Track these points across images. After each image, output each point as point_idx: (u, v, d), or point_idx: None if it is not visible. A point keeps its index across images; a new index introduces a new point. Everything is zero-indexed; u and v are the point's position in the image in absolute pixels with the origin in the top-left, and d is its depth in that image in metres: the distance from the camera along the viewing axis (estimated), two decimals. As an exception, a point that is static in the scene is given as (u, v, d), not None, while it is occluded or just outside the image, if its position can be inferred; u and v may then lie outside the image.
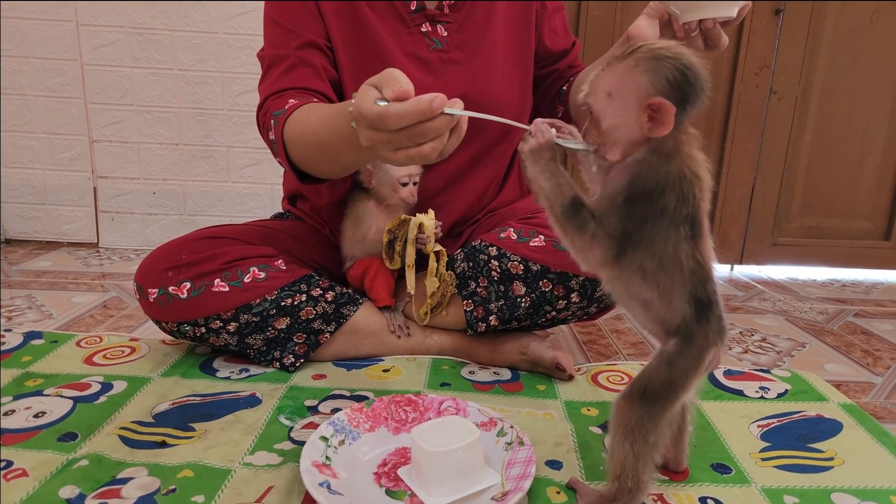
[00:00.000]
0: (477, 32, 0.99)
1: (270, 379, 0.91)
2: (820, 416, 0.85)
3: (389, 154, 0.62)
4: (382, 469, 0.68)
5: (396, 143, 0.60)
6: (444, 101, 0.57)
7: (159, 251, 0.91)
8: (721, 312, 0.59)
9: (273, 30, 0.94)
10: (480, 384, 0.93)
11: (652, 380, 0.59)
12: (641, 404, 0.58)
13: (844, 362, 1.14)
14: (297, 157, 0.81)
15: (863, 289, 1.70)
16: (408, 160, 0.61)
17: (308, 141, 0.79)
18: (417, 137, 0.58)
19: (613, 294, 0.63)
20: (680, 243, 0.56)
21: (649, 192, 0.55)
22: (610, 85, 0.57)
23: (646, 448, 0.59)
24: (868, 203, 1.83)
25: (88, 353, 0.98)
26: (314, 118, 0.78)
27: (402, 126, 0.57)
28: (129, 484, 0.65)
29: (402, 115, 0.57)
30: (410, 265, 0.92)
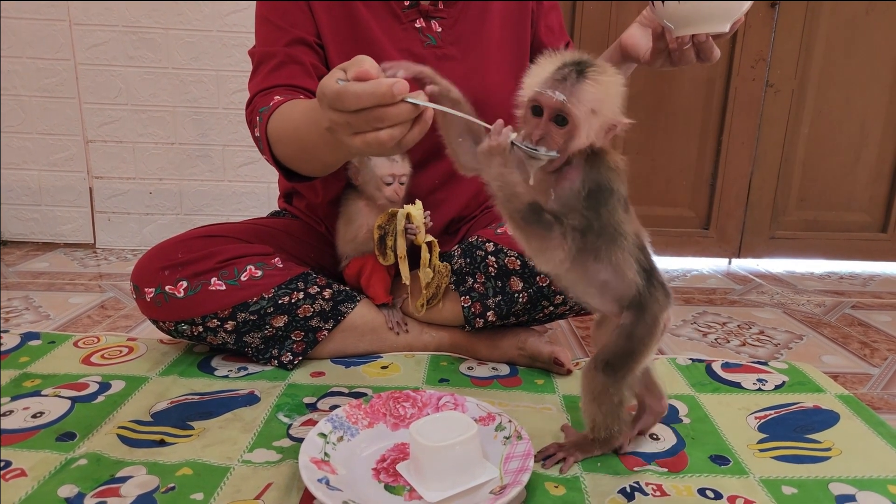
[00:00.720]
0: (472, 28, 0.99)
1: (269, 377, 0.91)
2: (817, 408, 0.86)
3: (348, 139, 0.61)
4: (381, 465, 0.68)
5: (355, 126, 0.59)
6: (406, 87, 0.56)
7: (155, 250, 0.91)
8: (662, 279, 0.66)
9: (264, 27, 0.94)
10: (479, 379, 0.93)
11: (614, 352, 0.65)
12: (605, 374, 0.65)
13: (842, 354, 1.15)
14: (281, 154, 0.81)
15: (860, 281, 1.71)
16: (365, 146, 0.60)
17: (290, 137, 0.78)
18: (375, 122, 0.57)
19: (570, 286, 0.67)
20: (620, 217, 0.62)
21: (601, 185, 0.61)
22: (596, 102, 0.59)
23: (612, 407, 0.66)
24: (865, 195, 1.83)
25: (86, 354, 0.98)
26: (296, 113, 0.78)
27: (360, 107, 0.57)
28: (128, 482, 0.65)
29: (360, 95, 0.56)
30: (403, 256, 0.91)
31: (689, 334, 1.23)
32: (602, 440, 0.69)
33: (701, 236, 1.85)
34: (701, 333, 1.23)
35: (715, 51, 0.78)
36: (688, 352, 1.13)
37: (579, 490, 0.66)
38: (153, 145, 1.75)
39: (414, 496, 0.62)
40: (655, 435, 0.77)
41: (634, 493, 0.65)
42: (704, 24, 0.73)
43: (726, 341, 1.19)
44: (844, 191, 1.83)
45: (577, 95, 0.58)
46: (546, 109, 0.59)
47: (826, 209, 1.85)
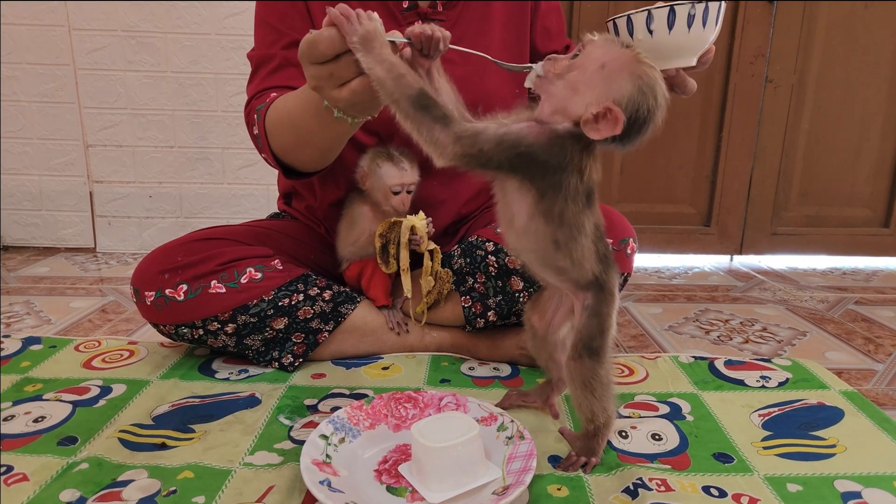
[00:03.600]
0: (471, 31, 0.98)
1: (269, 379, 0.91)
2: (821, 404, 0.85)
3: (335, 93, 0.61)
4: (383, 466, 0.68)
5: (338, 75, 0.59)
6: (377, 20, 0.57)
7: (155, 254, 0.91)
8: (610, 254, 0.68)
9: (262, 30, 0.94)
10: (480, 379, 0.92)
11: (589, 335, 0.67)
12: (590, 358, 0.67)
13: (845, 350, 1.14)
14: (278, 146, 0.82)
15: (863, 276, 1.70)
16: (352, 95, 0.60)
17: (285, 125, 0.79)
18: (355, 66, 0.58)
19: (527, 262, 0.69)
20: (581, 213, 0.63)
21: (546, 165, 0.60)
22: (613, 62, 0.58)
23: (602, 387, 0.68)
24: (866, 190, 1.83)
25: (87, 358, 0.98)
26: (290, 101, 0.79)
27: (336, 52, 0.57)
28: (130, 486, 0.65)
29: (333, 38, 0.57)
30: (405, 268, 0.91)
31: (692, 332, 1.22)
32: (604, 426, 0.69)
33: (702, 233, 1.84)
34: (703, 331, 1.23)
35: (689, 84, 0.73)
36: (690, 349, 1.12)
37: (583, 489, 0.65)
38: (153, 149, 1.75)
39: (416, 497, 0.62)
40: (658, 434, 0.76)
41: (638, 490, 0.64)
42: (668, 60, 0.69)
43: (729, 339, 1.19)
44: (846, 186, 1.83)
45: (605, 44, 0.59)
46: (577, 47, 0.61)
47: (827, 204, 1.84)
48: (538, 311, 0.77)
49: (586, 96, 0.58)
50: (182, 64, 1.69)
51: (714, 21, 0.68)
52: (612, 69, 0.58)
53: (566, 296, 0.74)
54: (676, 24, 0.67)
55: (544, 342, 0.78)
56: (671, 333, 1.21)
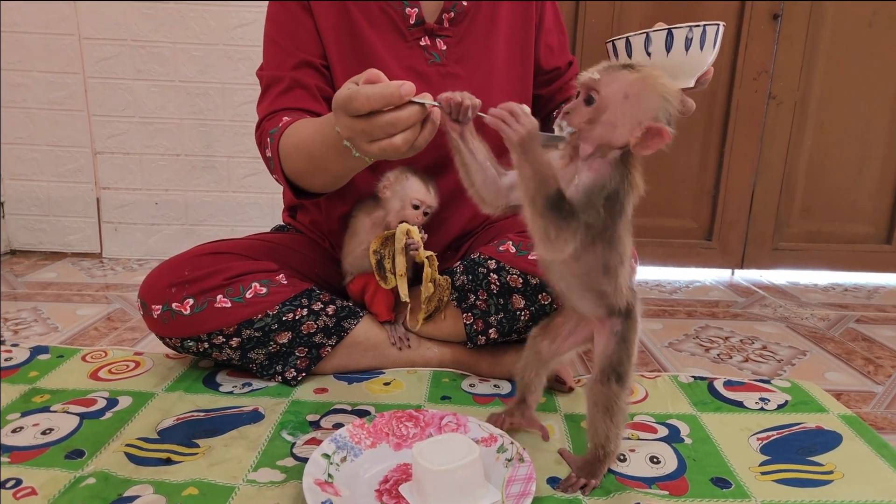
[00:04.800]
0: (477, 47, 1.00)
1: (273, 393, 0.92)
2: (819, 428, 0.86)
3: (365, 145, 0.64)
4: (384, 486, 0.69)
5: (370, 133, 0.62)
6: (412, 88, 0.59)
7: (162, 268, 0.92)
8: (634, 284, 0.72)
9: (271, 48, 0.95)
10: (480, 397, 0.93)
11: (618, 360, 0.69)
12: (617, 383, 0.68)
13: (845, 371, 1.15)
14: (292, 170, 0.84)
15: (864, 293, 1.70)
16: (381, 151, 0.64)
17: (300, 153, 0.81)
18: (388, 128, 0.61)
19: (566, 289, 0.70)
20: (628, 238, 0.66)
21: (617, 194, 0.62)
22: (631, 88, 0.60)
23: (621, 413, 0.69)
24: (869, 207, 1.83)
25: (94, 368, 0.99)
26: (306, 130, 0.81)
27: (371, 108, 0.60)
28: (136, 502, 0.66)
29: (370, 97, 0.59)
30: (402, 274, 0.92)
31: (692, 349, 1.23)
32: (611, 453, 0.71)
33: (703, 247, 1.85)
34: (703, 349, 1.24)
35: (688, 104, 0.72)
36: (690, 368, 1.13)
37: (580, 513, 0.66)
38: (159, 157, 1.77)
39: (416, 518, 0.63)
40: (657, 458, 0.77)
41: (635, 516, 0.65)
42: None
43: (729, 357, 1.19)
44: (848, 202, 1.83)
45: (611, 76, 0.60)
46: (582, 89, 0.62)
47: (829, 220, 1.85)
48: (549, 336, 0.78)
49: (626, 126, 0.60)
50: (190, 73, 1.71)
51: (712, 43, 0.69)
52: (635, 95, 0.60)
53: (583, 323, 0.75)
54: (674, 46, 0.68)
55: (541, 365, 0.79)
56: (671, 351, 1.22)
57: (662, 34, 0.67)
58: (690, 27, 0.67)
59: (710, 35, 0.68)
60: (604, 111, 0.61)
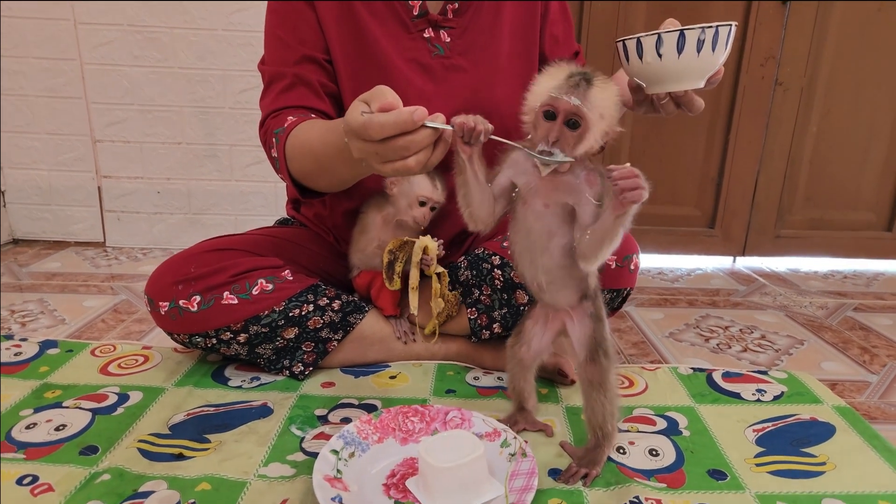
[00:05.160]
0: (481, 39, 0.99)
1: (280, 387, 0.94)
2: (814, 420, 0.88)
3: (379, 166, 0.65)
4: (391, 480, 0.71)
5: (384, 155, 0.63)
6: (425, 113, 0.60)
7: (168, 264, 0.93)
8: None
9: (273, 42, 0.95)
10: (484, 389, 0.95)
11: (600, 336, 0.74)
12: (605, 358, 0.73)
13: (841, 360, 1.17)
14: (298, 170, 0.84)
15: (864, 281, 1.72)
16: (395, 173, 0.65)
17: (307, 156, 0.81)
18: (402, 151, 0.62)
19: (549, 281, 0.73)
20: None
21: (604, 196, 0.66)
22: (605, 106, 0.64)
23: (614, 388, 0.74)
24: (871, 194, 1.84)
25: (103, 363, 1.01)
26: (312, 135, 0.81)
27: (385, 136, 0.61)
28: (151, 497, 0.68)
29: (384, 125, 0.60)
30: (414, 287, 0.93)
31: (692, 339, 1.25)
32: (609, 435, 0.74)
33: (706, 235, 1.86)
34: (703, 338, 1.26)
35: (696, 102, 0.75)
36: (690, 358, 1.15)
37: (581, 506, 0.68)
38: (160, 145, 1.77)
39: (423, 513, 0.65)
40: (655, 451, 0.79)
41: (634, 509, 0.67)
42: (676, 82, 0.70)
43: (728, 346, 1.21)
44: (851, 189, 1.84)
45: (589, 100, 0.63)
46: (561, 113, 0.64)
47: (832, 208, 1.85)
48: (524, 342, 0.80)
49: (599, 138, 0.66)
50: (189, 60, 1.70)
51: (724, 44, 0.68)
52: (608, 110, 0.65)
53: (552, 318, 0.78)
54: (686, 47, 0.67)
55: (526, 370, 0.81)
56: (671, 341, 1.24)
57: (674, 36, 0.66)
58: (703, 28, 0.66)
59: (721, 36, 0.67)
60: (587, 132, 0.64)
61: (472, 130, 0.64)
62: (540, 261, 0.72)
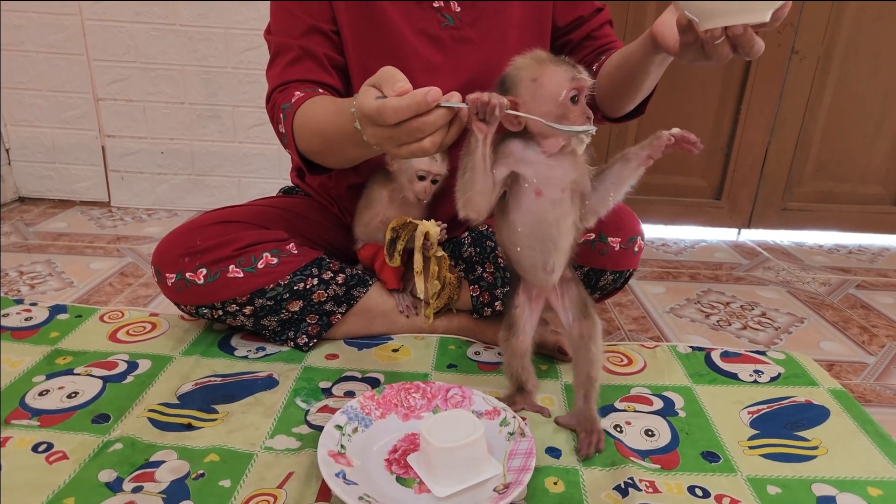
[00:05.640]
0: (492, 8, 0.96)
1: (285, 358, 0.96)
2: (809, 402, 0.90)
3: (394, 150, 0.65)
4: (393, 455, 0.73)
5: (398, 139, 0.63)
6: (439, 94, 0.60)
7: (174, 236, 0.94)
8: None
9: (278, 11, 0.92)
10: (485, 364, 0.97)
11: (584, 294, 0.82)
12: (592, 309, 0.81)
13: (840, 340, 1.18)
14: (306, 148, 0.83)
15: (868, 256, 1.71)
16: (410, 155, 0.65)
17: (315, 135, 0.81)
18: (416, 133, 0.61)
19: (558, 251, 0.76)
20: None
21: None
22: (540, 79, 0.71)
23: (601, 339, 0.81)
24: (882, 168, 1.81)
25: (112, 329, 1.03)
26: (319, 114, 0.80)
27: (400, 120, 0.60)
28: (162, 468, 0.70)
29: (399, 110, 0.59)
30: (419, 272, 0.93)
31: (692, 315, 1.26)
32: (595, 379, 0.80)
33: (712, 206, 1.85)
34: (704, 314, 1.26)
35: (756, 44, 0.65)
36: (689, 335, 1.16)
37: (577, 485, 0.71)
38: (163, 104, 1.74)
39: (423, 489, 0.68)
40: (651, 431, 0.81)
41: (629, 489, 0.70)
42: (737, 14, 0.61)
43: (728, 324, 1.22)
44: (862, 162, 1.81)
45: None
46: (583, 92, 0.68)
47: (841, 181, 1.83)
48: (516, 332, 0.82)
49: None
50: (190, 17, 1.65)
51: None
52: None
53: (535, 299, 0.81)
54: None
55: (524, 357, 0.83)
56: (672, 316, 1.25)
57: None
58: None
59: None
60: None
61: (486, 105, 0.63)
62: (559, 245, 0.74)
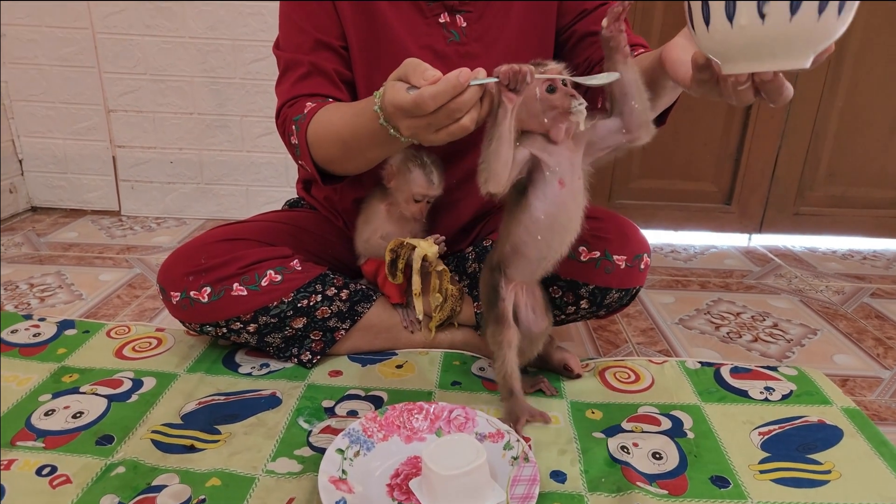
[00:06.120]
0: (497, 23, 0.95)
1: (289, 375, 0.96)
2: (822, 423, 0.87)
3: (432, 136, 0.67)
4: (395, 481, 0.72)
5: (436, 124, 0.65)
6: (469, 73, 0.62)
7: (179, 253, 0.94)
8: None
9: (287, 26, 0.92)
10: (490, 382, 0.96)
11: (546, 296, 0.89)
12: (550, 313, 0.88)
13: (855, 353, 1.15)
14: (321, 157, 0.84)
15: (883, 262, 1.68)
16: (450, 136, 0.66)
17: (332, 141, 0.81)
18: (454, 114, 0.63)
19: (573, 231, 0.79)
20: None
21: None
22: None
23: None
24: (897, 172, 1.77)
25: (118, 346, 1.03)
26: (336, 119, 0.81)
27: (438, 106, 0.62)
28: (163, 493, 0.70)
29: (437, 96, 0.61)
30: (418, 294, 0.92)
31: (702, 326, 1.24)
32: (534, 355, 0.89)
33: (722, 212, 1.82)
34: (713, 326, 1.24)
35: (785, 90, 0.55)
36: (699, 348, 1.14)
37: (581, 511, 0.70)
38: (172, 115, 1.76)
39: (425, 516, 0.67)
40: (659, 454, 0.80)
41: (634, 516, 0.68)
42: (769, 60, 0.50)
43: (738, 335, 1.20)
44: (875, 166, 1.77)
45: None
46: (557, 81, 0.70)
47: (854, 185, 1.79)
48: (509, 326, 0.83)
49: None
50: (200, 30, 1.66)
51: (852, 6, 0.48)
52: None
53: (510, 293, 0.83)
54: (802, 7, 0.47)
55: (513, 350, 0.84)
56: (681, 328, 1.23)
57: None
58: None
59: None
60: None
61: (518, 73, 0.65)
62: (570, 237, 0.78)
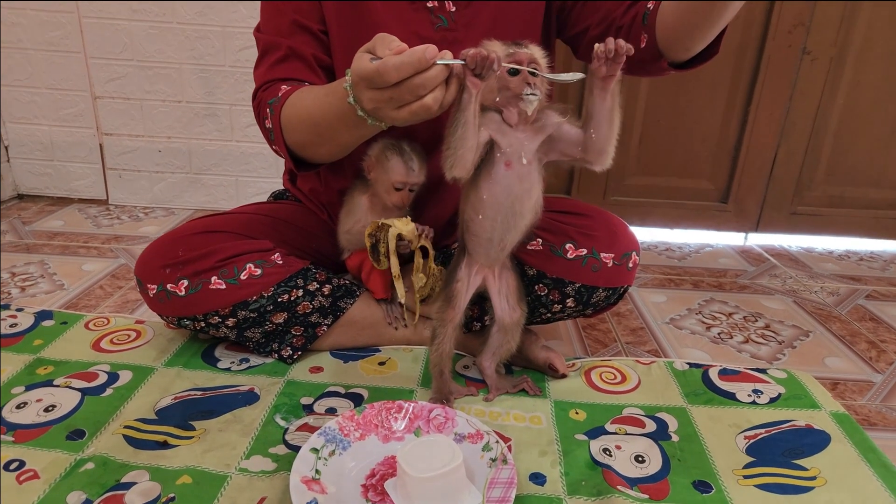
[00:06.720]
0: (486, 8, 0.92)
1: (269, 371, 0.94)
2: (809, 427, 0.86)
3: (394, 112, 0.65)
4: (370, 481, 0.71)
5: (399, 99, 0.63)
6: (436, 51, 0.61)
7: (156, 245, 0.92)
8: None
9: (268, 9, 0.90)
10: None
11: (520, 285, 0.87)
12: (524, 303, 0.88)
13: (847, 356, 1.13)
14: (295, 142, 0.82)
15: (880, 264, 1.66)
16: (412, 115, 0.64)
17: (304, 124, 0.79)
18: (418, 90, 0.62)
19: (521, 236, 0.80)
20: None
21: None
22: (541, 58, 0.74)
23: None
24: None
25: (96, 338, 1.01)
26: (308, 100, 0.79)
27: (401, 78, 0.60)
28: (132, 490, 0.69)
29: (400, 67, 0.60)
30: (397, 275, 0.90)
31: (693, 326, 1.22)
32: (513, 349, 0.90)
33: (718, 210, 1.80)
34: (704, 326, 1.23)
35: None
36: (688, 348, 1.13)
37: (560, 515, 0.68)
38: (160, 103, 1.73)
39: (399, 518, 0.65)
40: (642, 457, 0.78)
41: (613, 521, 0.67)
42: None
43: (729, 336, 1.19)
44: (875, 166, 1.75)
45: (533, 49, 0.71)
46: (524, 62, 0.69)
47: (854, 185, 1.77)
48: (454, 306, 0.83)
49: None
50: (188, 15, 1.63)
51: None
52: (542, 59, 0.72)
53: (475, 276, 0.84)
54: None
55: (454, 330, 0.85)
56: (671, 328, 1.21)
57: None
58: None
59: None
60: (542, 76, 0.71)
61: (485, 59, 0.63)
62: (519, 221, 0.77)
